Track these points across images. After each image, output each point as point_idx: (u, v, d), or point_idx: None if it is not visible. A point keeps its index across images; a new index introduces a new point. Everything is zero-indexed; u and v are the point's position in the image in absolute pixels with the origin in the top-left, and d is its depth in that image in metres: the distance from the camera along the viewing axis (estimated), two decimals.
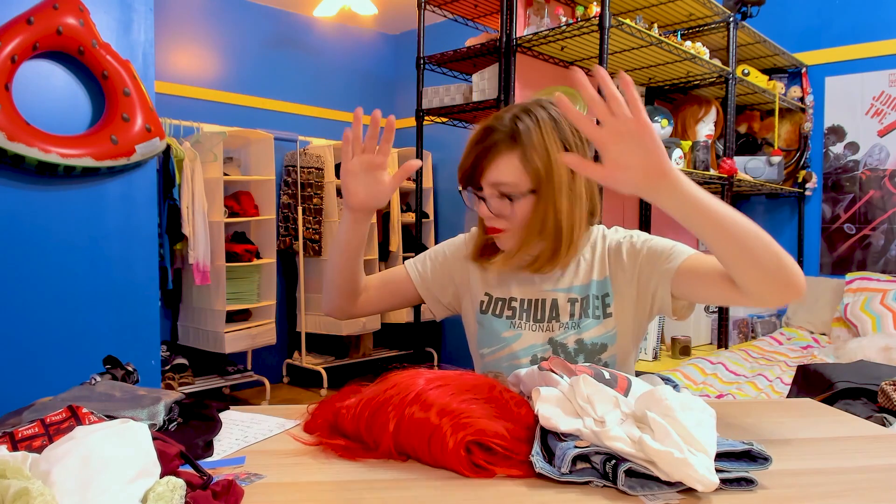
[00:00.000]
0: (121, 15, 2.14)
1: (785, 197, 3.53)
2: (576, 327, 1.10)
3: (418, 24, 2.74)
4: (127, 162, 2.07)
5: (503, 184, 1.05)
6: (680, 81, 3.01)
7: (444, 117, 2.82)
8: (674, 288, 1.04)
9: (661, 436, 0.66)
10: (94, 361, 1.09)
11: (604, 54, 2.14)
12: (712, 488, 0.64)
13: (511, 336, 1.13)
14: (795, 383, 1.65)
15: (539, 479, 0.70)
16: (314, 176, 4.13)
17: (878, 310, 2.81)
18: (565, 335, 1.10)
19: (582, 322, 1.10)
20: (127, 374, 1.01)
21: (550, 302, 1.13)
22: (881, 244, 3.21)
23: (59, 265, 2.01)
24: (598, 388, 0.76)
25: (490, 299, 1.17)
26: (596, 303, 1.11)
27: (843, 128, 3.33)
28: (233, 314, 3.77)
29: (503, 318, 1.15)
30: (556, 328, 1.11)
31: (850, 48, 3.30)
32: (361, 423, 0.79)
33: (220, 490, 0.62)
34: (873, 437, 0.90)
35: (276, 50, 4.40)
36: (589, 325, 1.10)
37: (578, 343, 1.09)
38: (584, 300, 1.11)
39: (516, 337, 1.13)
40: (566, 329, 1.11)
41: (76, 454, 0.55)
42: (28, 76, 1.94)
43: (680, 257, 1.03)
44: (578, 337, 1.10)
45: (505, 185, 1.05)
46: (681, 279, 1.02)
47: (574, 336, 1.10)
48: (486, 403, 0.78)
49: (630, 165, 0.81)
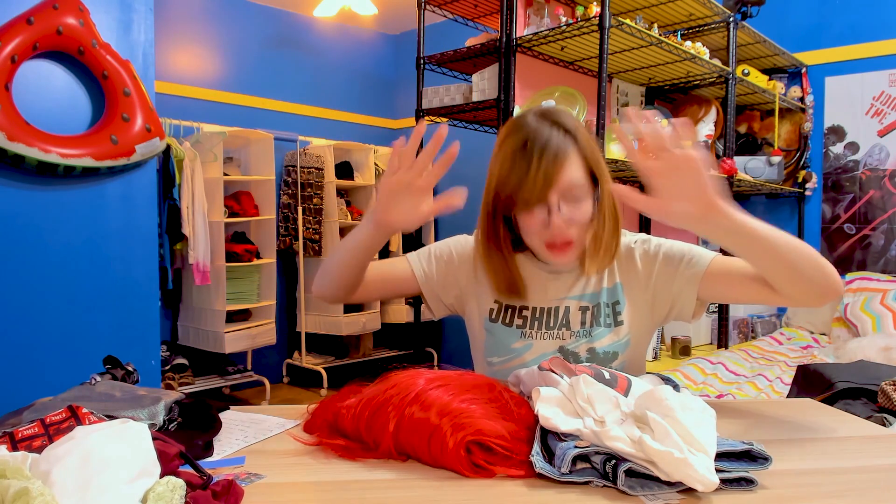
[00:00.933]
0: (121, 15, 2.14)
1: (785, 197, 3.53)
2: (587, 336, 1.09)
3: (418, 24, 2.74)
4: (127, 162, 2.07)
5: (576, 186, 1.01)
6: (680, 81, 3.01)
7: (444, 117, 2.82)
8: (701, 291, 1.04)
9: (661, 436, 0.66)
10: (94, 361, 1.09)
11: (604, 54, 2.14)
12: (712, 488, 0.64)
13: (522, 346, 1.12)
14: (795, 383, 1.65)
15: (539, 479, 0.70)
16: (314, 176, 4.13)
17: (878, 310, 2.81)
18: (577, 344, 1.09)
19: (594, 331, 1.09)
20: (127, 374, 1.01)
21: (563, 310, 1.11)
22: (881, 244, 3.21)
23: (59, 265, 2.01)
24: (598, 388, 0.76)
25: (500, 307, 1.15)
26: (607, 311, 1.10)
27: (843, 128, 3.33)
28: (233, 314, 3.77)
29: (513, 328, 1.13)
30: (566, 336, 1.10)
31: (849, 48, 3.30)
32: (361, 423, 0.79)
33: (220, 490, 0.62)
34: (873, 437, 0.90)
35: (276, 50, 4.40)
36: (601, 333, 1.09)
37: (590, 352, 1.09)
38: (595, 308, 1.11)
39: (527, 347, 1.11)
40: (577, 338, 1.10)
41: (76, 454, 0.55)
42: (28, 76, 1.94)
43: (703, 260, 1.04)
44: (590, 346, 1.09)
45: (577, 188, 1.01)
46: (710, 282, 1.03)
47: (586, 345, 1.09)
48: (487, 403, 0.78)
49: (681, 198, 0.81)
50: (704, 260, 1.04)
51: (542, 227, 1.03)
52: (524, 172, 0.99)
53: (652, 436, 0.67)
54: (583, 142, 1.03)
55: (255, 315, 3.93)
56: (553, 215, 1.00)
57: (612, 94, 2.95)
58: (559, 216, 1.00)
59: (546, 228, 1.02)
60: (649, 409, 0.70)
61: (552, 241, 1.04)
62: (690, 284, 1.04)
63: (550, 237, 1.03)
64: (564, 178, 1.00)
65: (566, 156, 1.00)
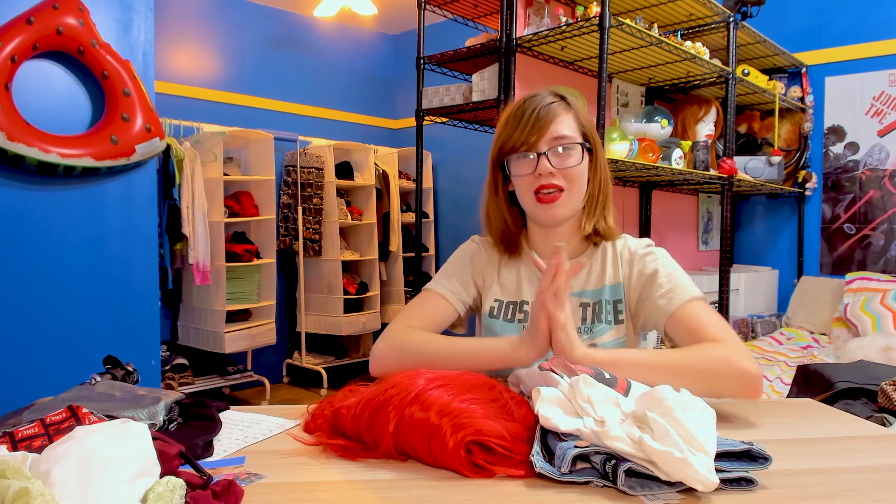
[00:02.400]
0: (121, 15, 2.14)
1: (785, 197, 3.53)
2: (588, 332, 1.11)
3: (418, 24, 2.74)
4: (127, 162, 2.06)
5: (565, 137, 1.07)
6: (680, 81, 3.01)
7: (444, 117, 2.82)
8: (665, 327, 1.06)
9: (661, 436, 0.66)
10: (94, 361, 1.09)
11: (604, 54, 2.14)
12: (712, 488, 0.64)
13: None
14: (795, 383, 1.65)
15: (539, 478, 0.70)
16: (314, 176, 4.13)
17: (878, 310, 2.81)
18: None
19: (595, 327, 1.11)
20: (127, 374, 1.01)
21: None
22: (881, 244, 3.21)
23: (59, 265, 2.01)
24: (598, 389, 0.76)
25: (501, 304, 1.16)
26: (608, 308, 1.12)
27: (843, 128, 3.33)
28: (233, 314, 3.77)
29: (515, 323, 1.14)
30: None
31: (849, 48, 3.30)
32: (362, 423, 0.79)
33: (220, 490, 0.62)
34: (873, 437, 0.90)
35: (276, 50, 4.40)
36: (602, 329, 1.10)
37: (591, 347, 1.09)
38: (596, 305, 1.12)
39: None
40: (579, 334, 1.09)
41: (76, 454, 0.55)
42: (28, 76, 1.94)
43: (675, 302, 1.05)
44: (591, 342, 1.10)
45: (566, 138, 1.07)
46: (671, 325, 1.05)
47: (587, 341, 1.10)
48: (487, 403, 0.78)
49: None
50: (676, 302, 1.05)
51: (531, 177, 1.08)
52: (517, 121, 1.08)
53: (652, 435, 0.67)
54: (578, 110, 1.11)
55: (255, 315, 3.93)
56: (541, 160, 1.06)
57: (612, 94, 2.95)
58: (546, 161, 1.06)
59: (535, 178, 1.07)
60: (649, 408, 0.70)
61: (539, 189, 1.08)
62: (659, 316, 1.07)
63: (539, 184, 1.08)
64: (554, 129, 1.07)
65: (558, 112, 1.08)
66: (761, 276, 3.43)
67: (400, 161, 4.62)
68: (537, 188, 1.08)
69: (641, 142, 2.42)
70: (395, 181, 4.49)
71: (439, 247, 4.79)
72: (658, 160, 2.45)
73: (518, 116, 1.09)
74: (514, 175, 1.11)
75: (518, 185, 1.11)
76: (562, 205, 1.08)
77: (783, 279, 3.56)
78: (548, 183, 1.07)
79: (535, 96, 1.10)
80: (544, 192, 1.07)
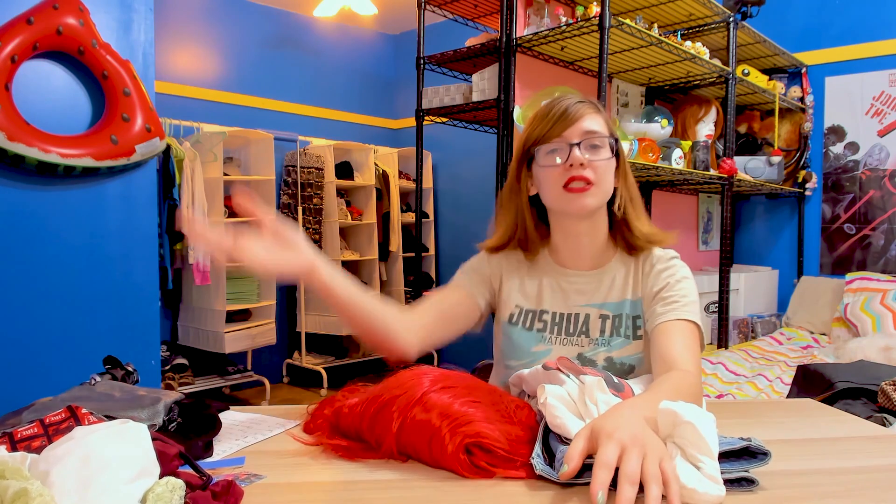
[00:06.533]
0: (121, 15, 2.14)
1: (785, 197, 3.53)
2: (606, 344, 1.10)
3: (418, 24, 2.74)
4: (127, 162, 2.06)
5: (595, 133, 1.07)
6: (680, 81, 3.01)
7: (444, 117, 2.82)
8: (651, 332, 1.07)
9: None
10: (94, 361, 1.09)
11: (604, 54, 2.14)
12: (719, 502, 0.64)
13: (541, 351, 1.12)
14: (795, 383, 1.65)
15: (540, 480, 0.70)
16: (314, 176, 4.13)
17: (878, 310, 2.81)
18: (595, 351, 1.10)
19: (613, 340, 1.10)
20: (127, 374, 1.01)
21: (583, 317, 1.12)
22: (881, 244, 3.21)
23: (59, 265, 2.01)
24: (605, 393, 0.76)
25: (521, 311, 1.15)
26: (628, 322, 1.11)
27: (843, 128, 3.33)
28: (233, 314, 3.77)
29: (533, 332, 1.13)
30: (585, 343, 1.11)
31: (849, 48, 3.30)
32: (365, 422, 0.79)
33: (219, 490, 0.62)
34: (873, 437, 0.90)
35: (276, 50, 4.40)
36: (619, 343, 1.10)
37: (608, 361, 1.09)
38: (616, 318, 1.11)
39: (547, 352, 1.12)
40: (596, 346, 1.10)
41: (76, 454, 0.55)
42: (28, 76, 1.93)
43: (665, 316, 1.04)
44: (608, 354, 1.09)
45: (597, 135, 1.07)
46: (653, 335, 1.05)
47: (604, 353, 1.09)
48: (489, 406, 0.78)
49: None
50: (665, 316, 1.04)
51: (561, 168, 1.06)
52: (546, 117, 1.08)
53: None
54: (605, 114, 1.12)
55: (255, 315, 3.92)
56: (573, 150, 1.05)
57: (612, 94, 2.95)
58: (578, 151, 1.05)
59: (565, 170, 1.05)
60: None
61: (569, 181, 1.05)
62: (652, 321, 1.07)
63: (569, 176, 1.05)
64: (586, 123, 1.06)
65: (589, 110, 1.08)
66: (761, 276, 3.43)
67: (400, 161, 4.62)
68: (567, 180, 1.05)
69: (641, 142, 2.42)
70: (395, 181, 4.49)
71: (439, 247, 4.79)
72: (658, 160, 2.45)
73: (546, 112, 1.09)
74: (542, 167, 1.08)
75: (545, 179, 1.08)
76: (592, 195, 1.06)
77: (783, 279, 3.56)
78: (578, 175, 1.04)
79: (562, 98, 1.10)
80: (574, 183, 1.05)
